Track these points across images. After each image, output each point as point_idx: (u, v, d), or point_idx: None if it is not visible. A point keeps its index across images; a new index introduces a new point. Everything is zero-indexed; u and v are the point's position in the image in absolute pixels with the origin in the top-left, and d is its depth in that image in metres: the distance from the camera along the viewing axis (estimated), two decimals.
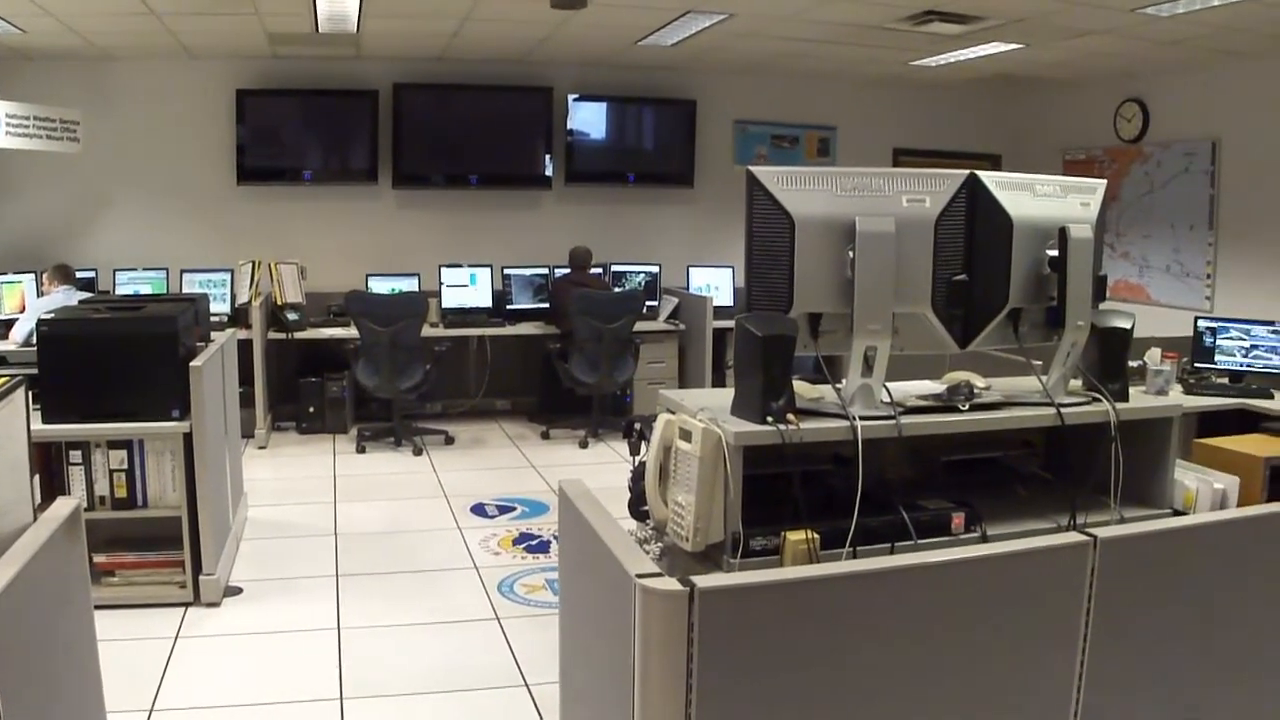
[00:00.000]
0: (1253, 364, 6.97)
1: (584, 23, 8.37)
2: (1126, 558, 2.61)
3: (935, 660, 2.40)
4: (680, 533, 3.09)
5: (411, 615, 5.36)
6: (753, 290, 3.16)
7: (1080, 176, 3.75)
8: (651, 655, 2.12)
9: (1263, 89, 9.46)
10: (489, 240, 10.52)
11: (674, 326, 10.20)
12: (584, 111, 10.74)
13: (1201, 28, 8.18)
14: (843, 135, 11.70)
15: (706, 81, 11.04)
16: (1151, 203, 10.61)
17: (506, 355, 10.35)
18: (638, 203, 11.10)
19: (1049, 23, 8.15)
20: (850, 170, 3.17)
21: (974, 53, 9.44)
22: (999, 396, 3.51)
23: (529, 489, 7.70)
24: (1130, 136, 10.82)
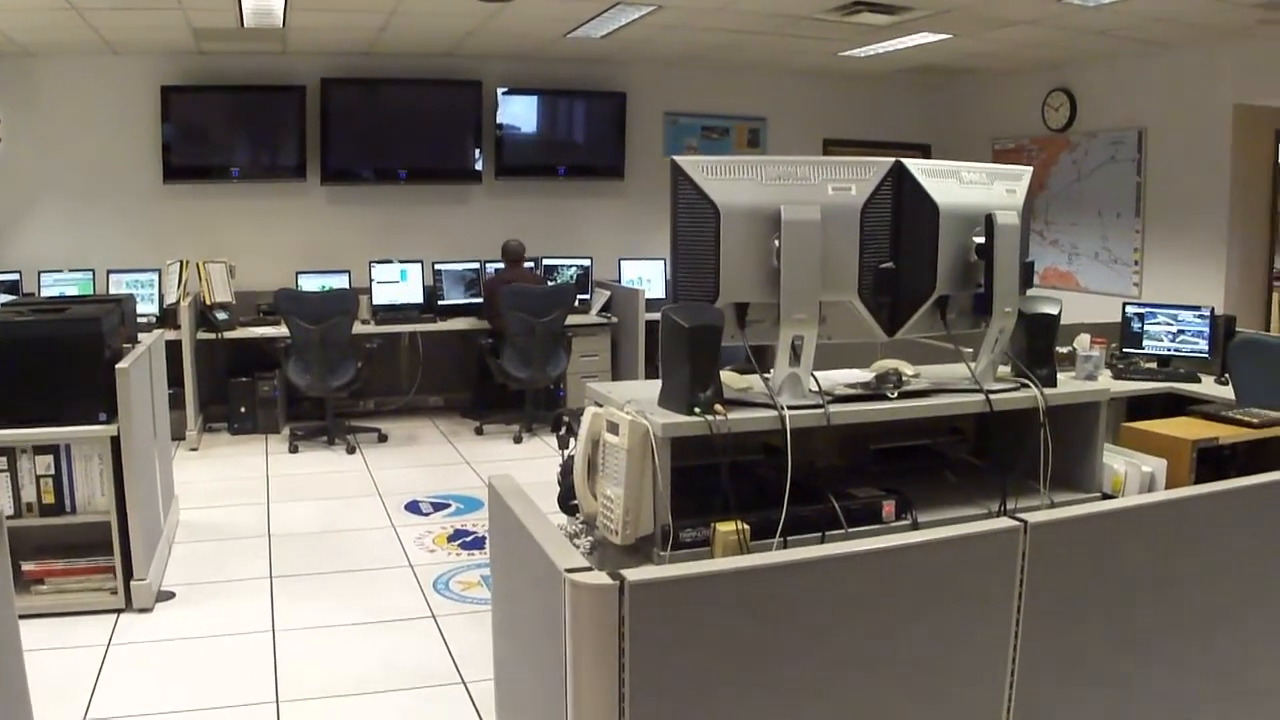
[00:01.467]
0: (1180, 349, 7.06)
1: (512, 15, 8.33)
2: (1056, 542, 2.61)
3: (868, 648, 2.39)
4: (610, 526, 3.07)
5: (347, 615, 5.31)
6: (678, 281, 3.14)
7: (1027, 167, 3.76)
8: (583, 650, 2.09)
9: (1187, 78, 9.58)
10: (419, 235, 10.44)
11: (606, 320, 10.19)
12: (514, 105, 10.69)
13: (1127, 18, 8.27)
14: (773, 126, 11.74)
15: (636, 73, 11.03)
16: (1080, 191, 10.72)
17: (439, 351, 10.29)
18: (569, 196, 11.07)
19: (976, 13, 8.19)
20: (775, 159, 3.15)
21: (903, 43, 9.48)
22: (927, 384, 3.52)
23: (463, 485, 7.65)
24: (1058, 126, 10.92)
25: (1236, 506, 3.04)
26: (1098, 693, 2.79)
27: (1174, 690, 2.96)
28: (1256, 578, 3.11)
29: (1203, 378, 6.89)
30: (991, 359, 3.56)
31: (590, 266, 10.63)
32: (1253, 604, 3.12)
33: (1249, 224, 9.55)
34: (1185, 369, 7.00)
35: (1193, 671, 3.00)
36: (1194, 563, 2.93)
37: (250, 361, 9.36)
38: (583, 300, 10.26)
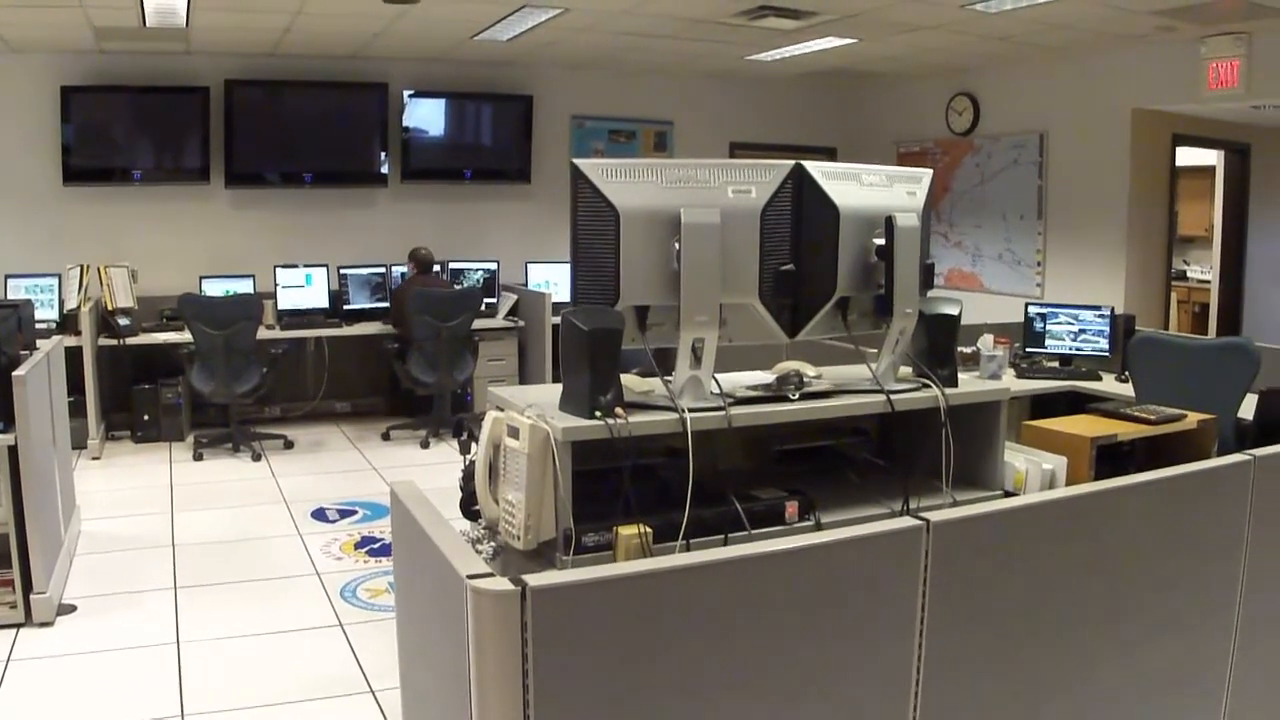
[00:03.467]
0: (1081, 348, 7.17)
1: (418, 18, 8.28)
2: (959, 540, 2.63)
3: (773, 650, 2.39)
4: (512, 531, 3.05)
5: (253, 625, 5.23)
6: (579, 284, 3.12)
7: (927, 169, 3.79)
8: (486, 656, 2.07)
9: (1087, 83, 9.77)
10: (325, 240, 10.33)
11: (513, 323, 10.16)
12: (420, 108, 10.62)
13: (1028, 24, 8.39)
14: (680, 130, 11.77)
15: (543, 76, 11.01)
16: (983, 193, 10.87)
17: (345, 356, 10.19)
18: (475, 199, 11.01)
19: (881, 18, 8.27)
20: (675, 161, 3.15)
21: (809, 47, 9.55)
22: (829, 385, 3.53)
23: (370, 492, 7.58)
24: (962, 129, 11.07)
25: (1135, 502, 3.09)
26: (1004, 689, 2.82)
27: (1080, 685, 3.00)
28: (1157, 571, 3.17)
29: (1104, 376, 7.01)
30: (893, 360, 3.58)
31: (497, 270, 10.57)
32: (1154, 597, 3.17)
33: (1148, 225, 9.75)
34: (1087, 367, 7.12)
35: (1098, 665, 3.04)
36: (1095, 558, 2.97)
37: (153, 368, 9.19)
38: (489, 304, 10.21)
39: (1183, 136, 10.05)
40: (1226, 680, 3.45)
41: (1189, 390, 5.52)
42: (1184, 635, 3.31)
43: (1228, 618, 3.41)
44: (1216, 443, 4.67)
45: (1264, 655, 3.56)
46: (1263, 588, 3.47)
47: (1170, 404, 4.81)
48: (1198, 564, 3.31)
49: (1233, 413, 5.51)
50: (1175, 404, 4.82)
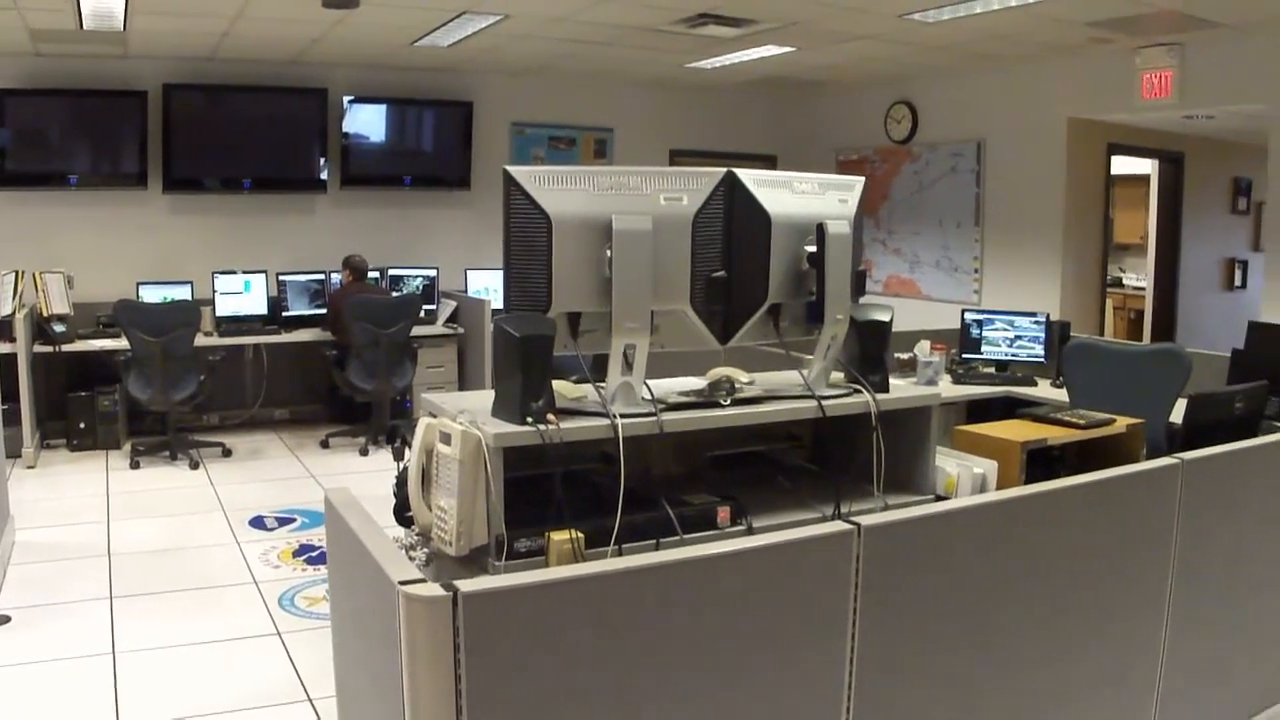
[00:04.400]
0: (1017, 354, 7.24)
1: (358, 23, 8.24)
2: (890, 544, 2.67)
3: (705, 653, 2.41)
4: (444, 537, 3.05)
5: (190, 635, 5.18)
6: (511, 291, 3.12)
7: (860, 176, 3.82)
8: (418, 662, 2.08)
9: (1024, 93, 9.88)
10: (264, 246, 10.25)
11: (453, 330, 10.13)
12: (360, 114, 10.57)
13: (966, 34, 8.47)
14: (620, 137, 11.79)
15: (484, 83, 10.99)
16: (921, 201, 10.96)
17: (284, 363, 10.12)
18: (415, 206, 10.96)
19: (820, 27, 8.32)
20: (607, 169, 3.16)
21: (748, 55, 9.59)
22: (761, 391, 3.55)
23: (308, 499, 7.53)
24: (900, 137, 11.16)
25: (1064, 505, 3.14)
26: (936, 690, 2.85)
27: (1011, 684, 3.05)
28: (1087, 572, 3.22)
29: (1039, 381, 7.09)
30: (824, 366, 3.61)
31: (436, 277, 10.53)
32: (1085, 597, 3.23)
33: (1083, 233, 9.86)
34: (1023, 373, 7.20)
35: (1028, 665, 3.09)
36: (1026, 560, 3.02)
37: (90, 375, 9.07)
38: (429, 311, 10.16)
39: (1117, 146, 10.18)
40: (1157, 676, 3.51)
41: (1122, 395, 5.59)
42: (1115, 634, 3.37)
43: (1158, 616, 3.47)
44: (1145, 446, 4.73)
45: (1193, 652, 3.63)
46: (1191, 586, 3.54)
47: (1104, 409, 4.87)
48: (1127, 564, 3.36)
49: (1164, 417, 5.58)
50: (1109, 409, 4.87)
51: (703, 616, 2.40)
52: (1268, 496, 3.95)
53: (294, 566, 6.19)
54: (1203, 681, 3.76)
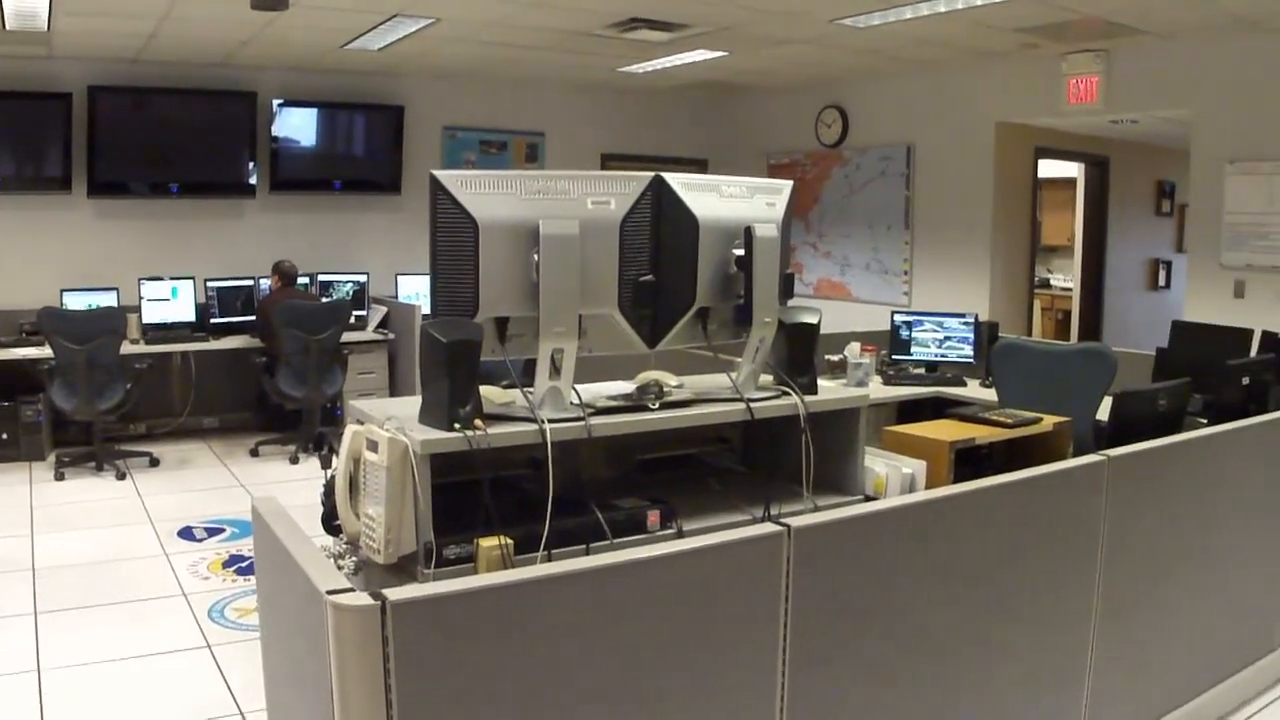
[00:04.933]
0: (946, 354, 7.30)
1: (288, 25, 8.17)
2: (820, 544, 2.68)
3: (638, 657, 2.41)
4: (372, 546, 3.03)
5: (118, 650, 5.09)
6: (438, 296, 3.11)
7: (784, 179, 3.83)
8: (348, 672, 2.07)
9: (953, 97, 9.98)
10: (192, 252, 10.11)
11: (383, 336, 10.06)
12: (289, 117, 10.47)
13: (896, 39, 8.54)
14: (551, 141, 11.77)
15: (415, 86, 10.94)
16: (851, 204, 11.04)
17: (213, 371, 9.98)
18: (345, 210, 10.88)
19: (751, 31, 8.35)
20: (534, 173, 3.16)
21: (680, 60, 9.61)
22: (689, 394, 3.55)
23: (238, 509, 7.44)
24: (831, 141, 11.23)
25: (992, 504, 3.18)
26: (869, 689, 2.88)
27: (943, 682, 3.07)
28: (1016, 569, 3.26)
29: (969, 381, 7.15)
30: (753, 368, 3.62)
31: (367, 282, 10.45)
32: (1015, 593, 3.27)
33: (1011, 235, 9.98)
34: (952, 373, 7.26)
35: (960, 662, 3.12)
36: (956, 558, 3.05)
37: (12, 384, 8.89)
38: (359, 316, 10.09)
39: (1045, 149, 10.31)
40: (1086, 671, 3.56)
41: (1050, 394, 5.66)
42: (1045, 630, 3.41)
43: (1086, 611, 3.52)
44: (1072, 444, 4.80)
45: (1121, 646, 3.69)
46: (1118, 581, 3.59)
47: (1032, 408, 4.93)
48: (1056, 561, 3.41)
49: (1091, 415, 5.67)
50: (1037, 408, 4.93)
51: (634, 620, 2.41)
52: (1191, 491, 4.02)
53: (224, 577, 6.11)
54: (1131, 675, 3.82)
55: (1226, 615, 4.38)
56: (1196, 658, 4.23)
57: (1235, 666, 4.48)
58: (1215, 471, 4.18)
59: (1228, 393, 4.99)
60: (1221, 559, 4.25)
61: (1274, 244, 7.75)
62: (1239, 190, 7.93)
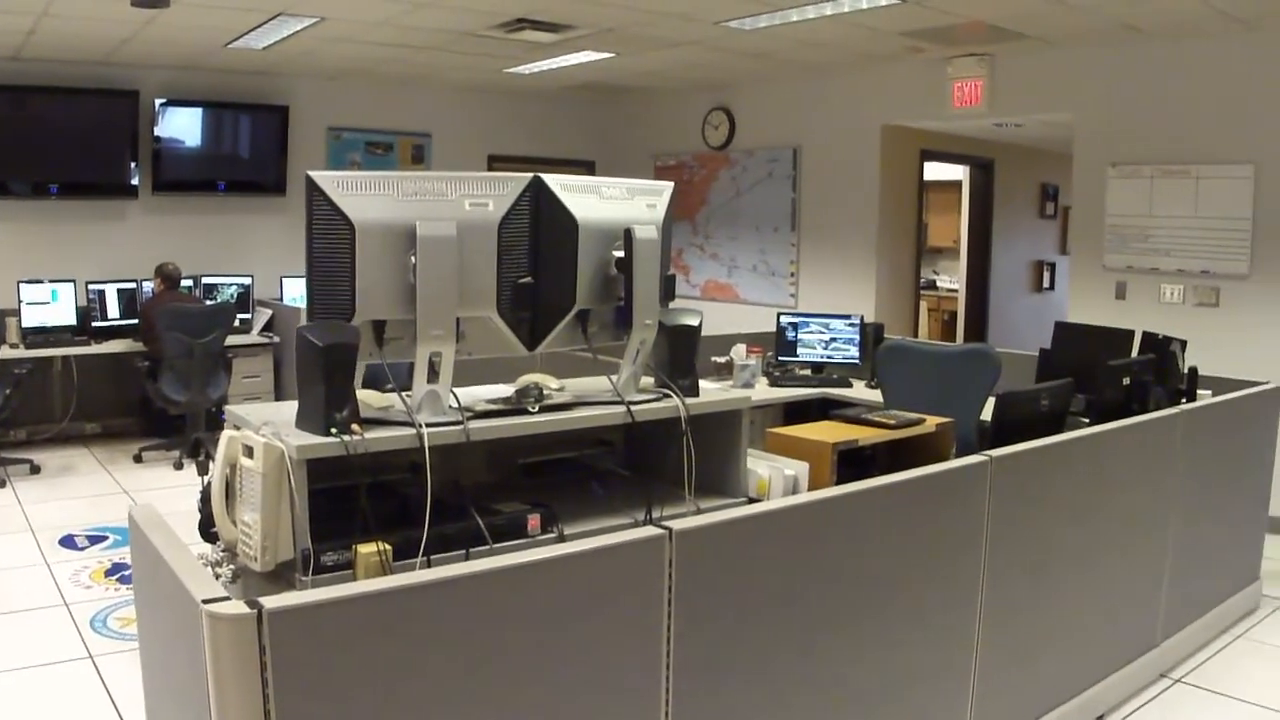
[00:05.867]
0: (833, 355, 7.36)
1: (170, 23, 8.03)
2: (702, 547, 2.69)
3: (520, 663, 2.40)
4: (249, 553, 2.98)
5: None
6: (315, 299, 3.08)
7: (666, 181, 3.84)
8: (225, 682, 2.04)
9: (839, 100, 10.08)
10: (73, 254, 9.88)
11: (268, 339, 9.93)
12: (173, 117, 10.27)
13: (783, 42, 8.59)
14: (438, 142, 11.70)
15: (300, 87, 10.81)
16: (739, 206, 11.10)
17: (95, 375, 9.77)
18: (229, 212, 10.70)
19: (638, 33, 8.36)
20: (412, 174, 3.13)
21: (567, 61, 9.59)
22: (570, 397, 3.55)
23: (121, 517, 7.18)
24: (718, 143, 11.28)
25: (875, 505, 3.21)
26: (756, 691, 2.89)
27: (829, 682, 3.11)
28: (901, 569, 3.29)
29: (855, 383, 7.21)
30: (634, 371, 3.62)
31: (251, 285, 10.31)
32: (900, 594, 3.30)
33: (897, 237, 10.09)
34: (838, 375, 7.31)
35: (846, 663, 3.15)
36: (840, 559, 3.08)
37: None
38: (244, 320, 9.95)
39: (930, 152, 10.45)
40: (972, 669, 3.60)
41: (935, 395, 5.71)
42: (931, 629, 3.45)
43: (971, 610, 3.57)
44: (954, 445, 4.85)
45: (1005, 643, 3.74)
46: (1002, 578, 3.65)
47: (917, 409, 4.98)
48: (940, 560, 3.45)
49: (976, 416, 5.73)
50: (922, 408, 4.99)
51: (515, 626, 2.40)
52: (1074, 491, 4.10)
53: (106, 586, 6.00)
54: (1016, 672, 3.88)
55: (1110, 612, 4.47)
56: (1081, 654, 4.31)
57: (1119, 662, 4.58)
58: (1097, 470, 4.26)
59: (1109, 393, 5.07)
60: (1104, 557, 4.34)
61: (1154, 246, 7.91)
62: (1121, 193, 8.09)
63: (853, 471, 4.24)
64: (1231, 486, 5.46)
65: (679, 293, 3.86)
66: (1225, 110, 7.52)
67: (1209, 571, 5.28)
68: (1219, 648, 5.27)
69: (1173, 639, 4.94)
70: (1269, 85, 7.30)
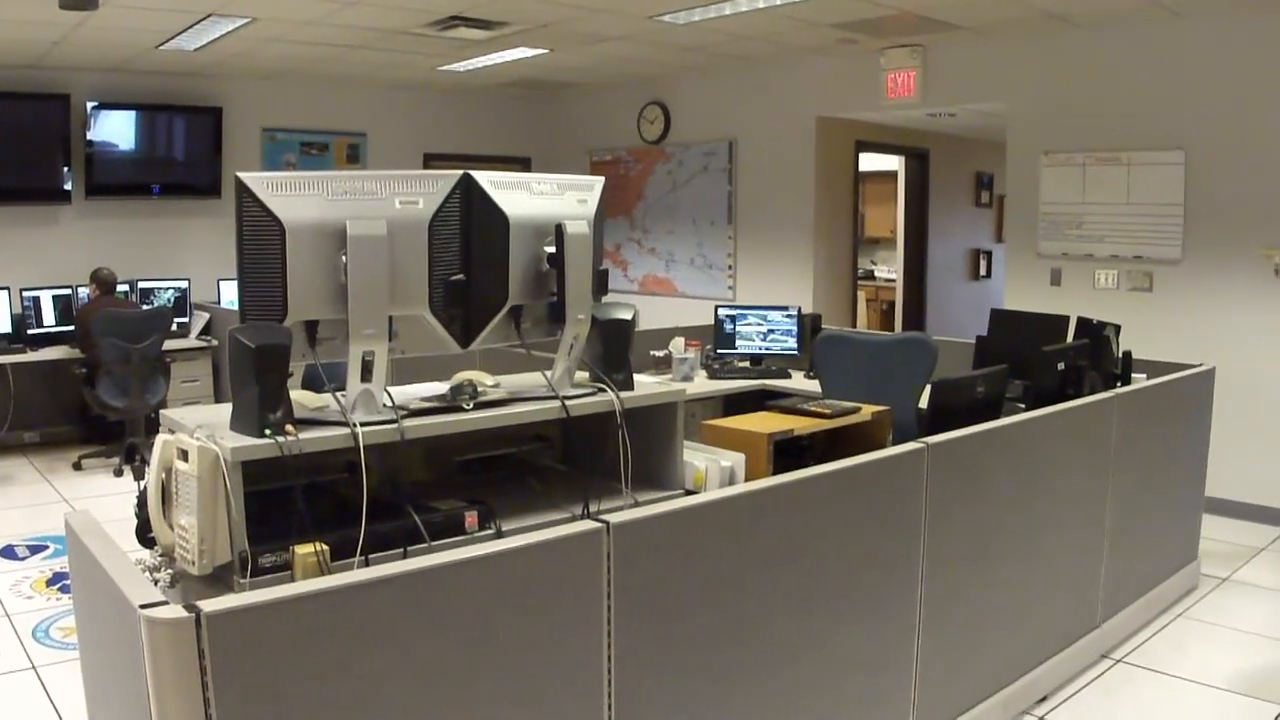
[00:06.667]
0: (771, 347, 7.40)
1: (100, 25, 7.96)
2: (640, 540, 2.71)
3: (461, 660, 2.42)
4: (187, 557, 2.97)
5: None
6: (246, 300, 3.07)
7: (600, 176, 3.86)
8: (165, 687, 2.04)
9: (774, 92, 10.13)
10: (5, 260, 9.75)
11: (206, 343, 9.85)
12: (105, 120, 10.16)
13: (715, 36, 8.63)
14: (373, 141, 11.67)
15: (233, 88, 10.73)
16: (675, 200, 11.13)
17: (32, 383, 9.64)
18: (164, 215, 10.61)
19: (571, 29, 8.37)
20: (341, 174, 3.14)
21: (501, 58, 9.59)
22: (505, 393, 3.56)
23: (61, 525, 7.16)
24: (653, 138, 11.31)
25: (812, 494, 3.24)
26: (698, 683, 2.91)
27: (771, 673, 3.13)
28: (841, 558, 3.33)
29: (793, 373, 7.25)
30: (568, 365, 3.64)
31: (188, 288, 10.24)
32: (840, 583, 3.34)
33: (834, 228, 10.16)
34: (777, 366, 7.36)
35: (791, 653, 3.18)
36: (778, 549, 3.11)
37: None
38: (181, 324, 9.88)
39: (865, 143, 10.52)
40: (914, 655, 3.65)
41: (872, 384, 5.76)
42: (872, 617, 3.49)
43: (911, 596, 3.62)
44: (891, 432, 4.90)
45: (947, 629, 3.79)
46: (942, 564, 3.69)
47: (855, 398, 5.03)
48: (880, 548, 3.49)
49: (914, 403, 5.77)
50: (860, 397, 5.03)
51: (454, 623, 2.41)
52: (1010, 476, 4.15)
53: (48, 596, 5.94)
54: (958, 657, 3.92)
55: (1049, 595, 4.52)
56: (1021, 637, 4.36)
57: (1059, 644, 4.63)
58: (1033, 455, 4.32)
59: (1044, 378, 5.13)
60: (1042, 540, 4.39)
61: (1087, 233, 8.01)
62: (1054, 181, 8.19)
63: (790, 462, 4.30)
64: (1168, 468, 5.54)
65: (617, 288, 3.88)
66: (1155, 97, 7.62)
67: (1147, 552, 5.36)
68: (1159, 627, 5.36)
69: (1113, 620, 5.01)
70: (1197, 72, 7.41)
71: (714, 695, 2.97)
